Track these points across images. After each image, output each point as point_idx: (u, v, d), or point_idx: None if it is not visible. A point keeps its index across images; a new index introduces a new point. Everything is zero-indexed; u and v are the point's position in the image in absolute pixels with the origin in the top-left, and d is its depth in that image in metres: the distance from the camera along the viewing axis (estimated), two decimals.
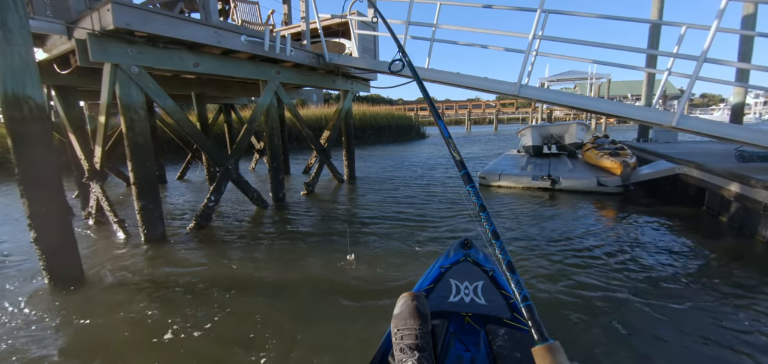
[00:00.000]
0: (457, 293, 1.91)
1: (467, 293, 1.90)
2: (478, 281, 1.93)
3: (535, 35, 4.89)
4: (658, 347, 2.34)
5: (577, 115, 32.92)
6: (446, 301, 1.89)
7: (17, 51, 3.12)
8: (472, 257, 2.05)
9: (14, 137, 3.20)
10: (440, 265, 2.07)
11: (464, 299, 1.88)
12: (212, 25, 4.62)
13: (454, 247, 2.19)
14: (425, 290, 1.94)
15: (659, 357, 2.25)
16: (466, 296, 1.89)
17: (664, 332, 2.49)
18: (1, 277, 3.84)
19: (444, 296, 1.91)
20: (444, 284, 1.96)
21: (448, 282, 1.96)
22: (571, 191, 6.88)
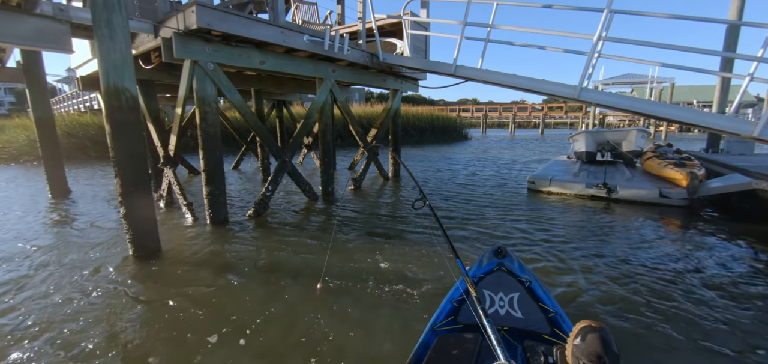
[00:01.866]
0: (492, 304, 1.81)
1: (502, 305, 1.80)
2: (514, 293, 1.82)
3: (599, 37, 4.70)
4: None
5: (633, 122, 30.75)
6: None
7: (119, 48, 3.53)
8: (506, 266, 1.92)
9: (112, 124, 3.63)
10: (473, 274, 1.95)
11: (499, 311, 1.78)
12: (279, 25, 4.92)
13: (487, 255, 2.05)
14: (457, 301, 1.87)
15: None
16: (501, 307, 1.79)
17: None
18: (93, 246, 4.37)
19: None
20: (477, 295, 1.82)
21: (482, 293, 1.84)
22: (629, 201, 6.50)
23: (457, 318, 1.83)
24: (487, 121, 35.74)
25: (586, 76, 5.01)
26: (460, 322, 1.82)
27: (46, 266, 3.84)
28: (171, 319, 2.79)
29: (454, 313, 1.85)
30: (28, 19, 3.50)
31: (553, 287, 3.29)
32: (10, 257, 4.10)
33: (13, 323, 2.76)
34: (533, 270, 3.50)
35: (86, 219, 5.63)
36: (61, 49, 3.78)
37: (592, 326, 1.15)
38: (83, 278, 3.51)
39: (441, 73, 6.19)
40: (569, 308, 2.89)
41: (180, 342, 2.50)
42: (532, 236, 4.73)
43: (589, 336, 1.12)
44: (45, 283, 3.43)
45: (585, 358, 1.10)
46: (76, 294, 3.21)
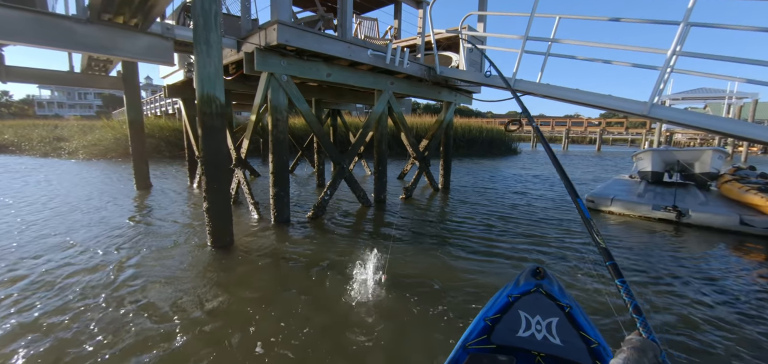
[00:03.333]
0: (528, 327, 1.72)
1: (539, 329, 1.70)
2: (553, 318, 1.72)
3: (674, 51, 4.49)
4: None
5: (706, 141, 28.00)
6: (514, 335, 1.71)
7: (213, 62, 4.02)
8: (545, 288, 1.84)
9: (203, 128, 4.12)
10: (508, 293, 1.88)
11: (536, 335, 1.69)
12: (346, 40, 5.26)
13: (525, 275, 1.97)
14: (491, 320, 1.79)
15: None
16: (538, 332, 1.69)
17: None
18: (177, 236, 4.92)
19: (512, 329, 1.74)
20: (512, 315, 1.77)
21: (517, 314, 1.77)
22: (704, 227, 6.02)
23: (490, 338, 1.74)
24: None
25: (657, 92, 4.80)
26: (494, 342, 1.73)
27: (144, 243, 4.41)
28: (233, 301, 3.11)
29: (487, 332, 1.76)
30: (142, 37, 4.12)
31: (610, 316, 3.19)
32: (120, 233, 4.76)
33: (137, 276, 3.24)
34: (591, 294, 3.42)
35: (166, 211, 6.32)
36: (166, 62, 4.37)
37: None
38: (173, 258, 4.01)
39: (499, 87, 6.20)
40: None
41: (250, 323, 2.79)
42: (590, 257, 4.57)
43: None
44: (148, 256, 3.96)
45: None
46: (168, 269, 3.68)
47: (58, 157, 15.83)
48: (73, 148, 16.58)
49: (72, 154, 16.11)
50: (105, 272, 3.72)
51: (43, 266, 3.84)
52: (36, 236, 4.85)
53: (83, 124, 22.92)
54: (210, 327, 2.76)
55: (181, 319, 2.87)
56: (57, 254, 4.18)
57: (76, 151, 16.35)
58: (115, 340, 2.59)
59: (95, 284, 3.45)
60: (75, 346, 2.53)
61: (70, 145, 16.94)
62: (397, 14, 9.38)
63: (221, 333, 2.68)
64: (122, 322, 2.83)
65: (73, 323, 2.80)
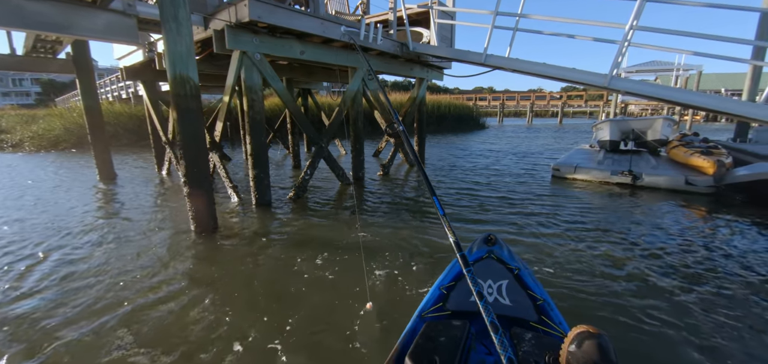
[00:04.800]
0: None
1: (491, 293, 1.79)
2: (503, 280, 1.82)
3: (631, 25, 4.80)
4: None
5: (656, 110, 30.06)
6: (468, 300, 1.79)
7: (184, 40, 3.86)
8: (496, 253, 1.94)
9: (178, 110, 3.98)
10: None
11: (488, 298, 1.73)
12: (319, 16, 5.17)
13: (477, 242, 2.06)
14: (446, 288, 1.87)
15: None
16: (490, 295, 1.78)
17: (752, 348, 2.38)
18: (157, 225, 4.78)
19: (466, 294, 1.81)
20: (465, 283, 1.83)
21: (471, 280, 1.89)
22: (655, 188, 6.61)
23: (445, 305, 1.81)
24: (504, 110, 35.40)
25: (616, 65, 5.13)
26: (448, 309, 1.80)
27: (123, 238, 4.26)
28: (218, 282, 3.14)
29: (443, 300, 1.83)
30: (102, 14, 3.86)
31: (581, 270, 3.52)
32: (93, 228, 4.55)
33: (123, 270, 3.16)
34: (561, 254, 3.73)
35: (139, 200, 6.08)
36: (130, 42, 4.14)
37: (590, 332, 1.06)
38: (158, 247, 3.92)
39: (471, 62, 6.35)
40: (597, 293, 3.13)
41: (247, 309, 2.85)
42: (558, 220, 4.93)
43: (586, 343, 1.04)
44: (129, 252, 3.84)
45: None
46: (156, 259, 3.60)
47: (1, 151, 14.50)
48: (17, 140, 15.22)
49: (17, 147, 14.81)
50: (90, 269, 3.59)
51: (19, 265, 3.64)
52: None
53: (23, 114, 20.90)
54: (207, 313, 2.79)
55: (176, 308, 2.86)
56: (26, 253, 3.97)
57: (21, 143, 15.02)
58: (111, 332, 2.57)
59: (89, 283, 3.34)
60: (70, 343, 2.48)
61: (13, 137, 15.53)
62: None
63: (219, 320, 2.71)
64: (118, 318, 2.79)
65: (71, 325, 2.73)
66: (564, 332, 1.63)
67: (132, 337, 2.46)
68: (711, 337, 2.43)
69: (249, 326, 2.56)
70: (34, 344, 2.41)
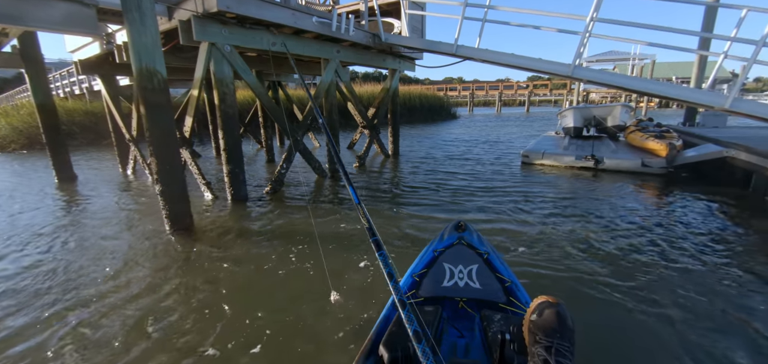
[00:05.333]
0: (451, 277, 1.86)
1: (461, 277, 1.84)
2: (473, 265, 1.88)
3: (591, 17, 5.06)
4: (697, 326, 2.49)
5: (615, 98, 31.73)
6: (440, 286, 1.85)
7: (149, 31, 3.70)
8: (466, 239, 2.01)
9: (146, 105, 3.82)
10: (434, 248, 2.03)
11: (458, 283, 1.83)
12: (290, 7, 5.10)
13: (448, 229, 2.13)
14: (418, 275, 1.92)
15: (697, 331, 2.41)
16: (461, 280, 1.84)
17: (703, 310, 2.59)
18: (128, 226, 4.60)
19: (438, 280, 1.87)
20: (438, 268, 1.91)
21: (442, 266, 1.91)
22: (615, 171, 7.05)
23: (418, 291, 1.87)
24: (473, 99, 36.19)
25: (578, 55, 5.41)
26: (421, 295, 1.85)
27: (93, 242, 4.07)
28: (199, 283, 3.11)
29: (416, 287, 1.89)
30: (58, 4, 3.61)
31: (550, 249, 3.74)
32: (58, 233, 4.30)
33: (97, 276, 3.03)
34: (532, 235, 3.94)
35: (105, 201, 5.79)
36: (90, 33, 3.91)
37: (549, 302, 1.17)
38: (132, 249, 3.78)
39: (442, 53, 6.47)
40: (564, 269, 3.35)
41: (235, 310, 2.84)
42: (528, 203, 5.18)
43: (546, 311, 1.14)
44: (103, 259, 3.68)
45: (541, 333, 1.11)
46: (132, 261, 3.48)
47: None
48: None
49: None
50: (60, 279, 3.41)
51: None
52: None
53: None
54: (190, 317, 2.75)
55: (157, 314, 2.80)
56: None
57: None
58: (99, 344, 2.48)
59: (62, 295, 3.18)
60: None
61: None
62: None
63: (203, 321, 2.67)
64: (99, 328, 2.69)
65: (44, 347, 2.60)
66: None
67: (125, 341, 2.39)
68: (666, 303, 2.68)
69: (236, 328, 2.56)
70: None
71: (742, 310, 2.59)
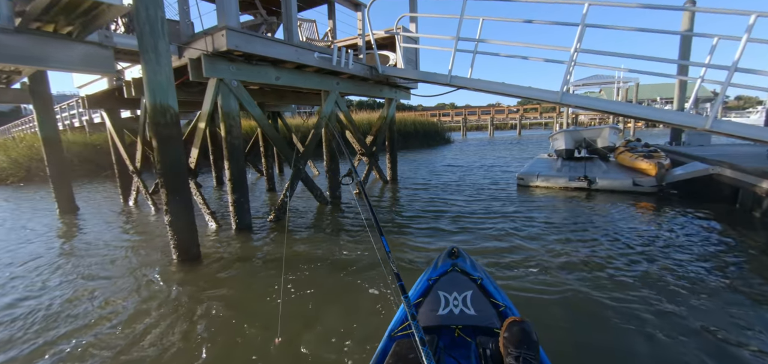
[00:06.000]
0: (446, 305, 1.84)
1: (456, 305, 1.83)
2: (467, 291, 1.88)
3: (575, 48, 5.41)
4: (689, 337, 2.62)
5: (604, 120, 32.61)
6: (436, 315, 1.83)
7: (163, 70, 3.93)
8: (459, 266, 2.01)
9: (158, 138, 4.00)
10: (428, 277, 2.02)
11: (454, 311, 1.81)
12: (293, 44, 5.40)
13: (442, 257, 2.14)
14: (414, 305, 1.89)
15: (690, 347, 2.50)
16: (455, 307, 1.82)
17: (696, 323, 2.73)
18: (135, 257, 4.68)
19: (433, 309, 1.85)
20: (433, 297, 1.90)
21: (437, 294, 1.90)
22: (607, 190, 7.30)
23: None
24: (467, 125, 36.92)
25: (565, 83, 5.74)
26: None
27: (101, 273, 4.15)
28: (207, 311, 3.21)
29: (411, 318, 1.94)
30: (78, 46, 3.84)
31: (553, 268, 3.90)
32: (64, 265, 4.37)
33: (109, 306, 3.11)
34: (530, 257, 4.10)
35: (110, 233, 5.87)
36: (107, 72, 4.13)
37: (516, 321, 1.42)
38: (141, 280, 3.87)
39: (437, 83, 6.80)
40: (563, 289, 3.50)
41: (243, 340, 2.94)
42: (526, 225, 5.36)
43: (514, 328, 1.39)
44: (113, 283, 3.76)
45: (511, 346, 1.35)
46: (141, 292, 3.56)
47: None
48: None
49: None
50: (71, 311, 3.49)
51: None
52: None
53: None
54: (203, 346, 2.84)
55: (167, 343, 2.89)
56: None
57: None
58: None
59: (75, 326, 3.25)
60: None
61: None
62: (331, 15, 9.56)
63: (216, 351, 2.77)
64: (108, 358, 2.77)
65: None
66: None
67: None
68: (661, 317, 2.83)
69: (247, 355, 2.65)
70: None
71: (734, 327, 2.73)
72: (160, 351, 2.60)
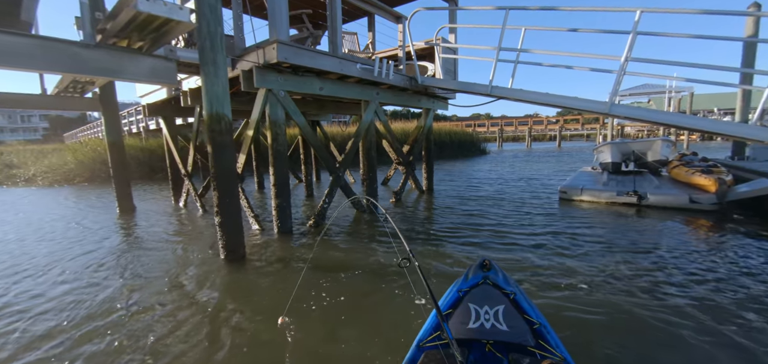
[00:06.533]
0: (477, 318, 1.79)
1: (488, 319, 1.77)
2: (499, 305, 1.82)
3: (626, 57, 5.18)
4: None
5: (652, 132, 30.67)
6: (466, 328, 1.78)
7: (220, 81, 4.21)
8: (491, 279, 1.95)
9: (213, 145, 4.28)
10: (458, 288, 1.97)
11: (485, 325, 1.76)
12: (337, 56, 5.59)
13: (473, 269, 2.08)
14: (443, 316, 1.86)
15: None
16: (487, 321, 1.77)
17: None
18: (187, 253, 5.00)
19: (463, 322, 1.80)
20: (463, 309, 1.85)
21: (468, 307, 1.85)
22: (660, 207, 6.85)
23: (443, 334, 1.78)
24: (502, 135, 36.11)
25: (615, 92, 5.49)
26: (446, 338, 1.76)
27: (157, 265, 4.47)
28: (254, 307, 3.34)
29: (440, 328, 1.81)
30: (146, 59, 4.23)
31: (601, 287, 3.72)
32: (123, 258, 4.76)
33: (162, 297, 3.36)
34: (578, 275, 3.93)
35: (164, 231, 6.31)
36: (170, 83, 4.49)
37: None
38: (192, 275, 4.13)
39: (477, 94, 6.74)
40: (622, 309, 3.32)
41: (290, 330, 3.04)
42: (571, 240, 5.15)
43: None
44: (167, 276, 4.05)
45: None
46: (192, 285, 3.81)
47: (14, 186, 14.81)
48: (30, 175, 15.57)
49: (30, 182, 15.13)
50: (129, 299, 3.79)
51: (65, 298, 3.85)
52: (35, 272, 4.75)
53: (33, 149, 21.53)
54: (254, 338, 2.98)
55: (219, 333, 3.06)
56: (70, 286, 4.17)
57: (33, 178, 15.37)
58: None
59: (133, 311, 3.54)
60: None
61: (26, 172, 15.89)
62: (371, 27, 9.79)
63: (265, 344, 2.90)
64: (166, 347, 2.98)
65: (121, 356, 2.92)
66: (562, 356, 1.64)
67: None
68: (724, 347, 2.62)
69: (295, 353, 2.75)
70: None
71: None
72: (205, 336, 2.77)
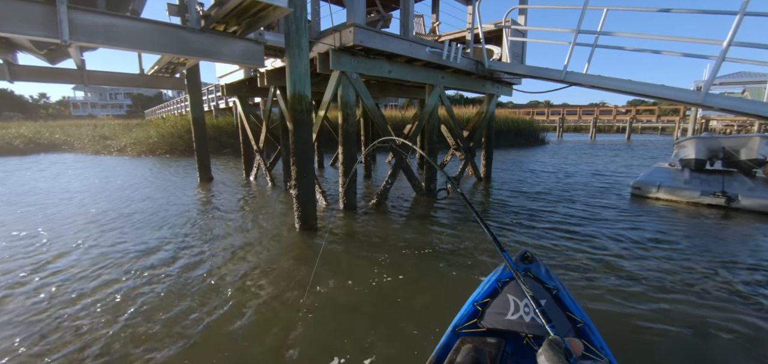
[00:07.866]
0: (516, 310, 1.74)
1: (527, 312, 1.72)
2: (541, 300, 1.74)
3: (729, 41, 4.67)
4: None
5: (744, 128, 27.04)
6: (503, 318, 1.74)
7: (303, 63, 4.49)
8: (533, 272, 1.89)
9: (294, 123, 4.62)
10: (497, 278, 1.91)
11: (524, 317, 1.71)
12: (408, 39, 5.66)
13: (514, 260, 2.00)
14: (480, 304, 1.83)
15: None
16: (526, 314, 1.71)
17: None
18: (266, 219, 5.48)
19: (501, 312, 1.76)
20: (501, 300, 1.80)
21: (506, 297, 1.80)
22: (754, 211, 6.16)
23: (480, 321, 1.78)
24: (563, 124, 33.96)
25: (712, 80, 4.99)
26: (483, 325, 1.77)
27: (241, 232, 4.99)
28: (323, 272, 3.61)
29: (476, 316, 1.80)
30: (240, 42, 4.62)
31: (678, 293, 3.51)
32: (209, 224, 5.37)
33: (250, 259, 3.78)
34: (654, 278, 3.73)
35: (239, 201, 6.94)
36: (257, 64, 4.89)
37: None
38: (274, 242, 4.56)
39: (548, 79, 6.46)
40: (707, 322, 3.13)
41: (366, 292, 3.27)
42: (648, 241, 4.85)
43: None
44: (253, 242, 4.52)
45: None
46: (275, 252, 4.21)
47: (109, 154, 16.92)
48: (122, 146, 17.66)
49: (121, 152, 17.17)
50: (219, 261, 4.29)
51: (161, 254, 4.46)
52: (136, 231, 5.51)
53: (120, 123, 24.37)
54: (332, 299, 3.26)
55: (298, 297, 3.38)
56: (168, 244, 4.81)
57: (124, 148, 17.41)
58: (254, 321, 3.13)
59: (221, 274, 4.03)
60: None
61: (118, 143, 18.04)
62: (435, 8, 9.69)
63: (345, 307, 3.16)
64: (254, 306, 3.36)
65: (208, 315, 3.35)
66: (608, 359, 1.57)
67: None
68: None
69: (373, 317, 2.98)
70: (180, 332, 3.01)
71: None
72: (282, 289, 3.09)
